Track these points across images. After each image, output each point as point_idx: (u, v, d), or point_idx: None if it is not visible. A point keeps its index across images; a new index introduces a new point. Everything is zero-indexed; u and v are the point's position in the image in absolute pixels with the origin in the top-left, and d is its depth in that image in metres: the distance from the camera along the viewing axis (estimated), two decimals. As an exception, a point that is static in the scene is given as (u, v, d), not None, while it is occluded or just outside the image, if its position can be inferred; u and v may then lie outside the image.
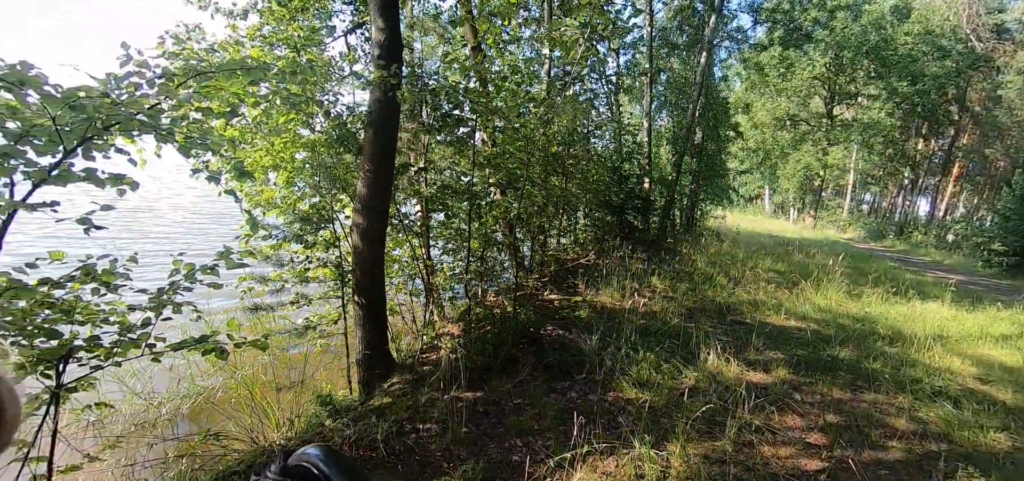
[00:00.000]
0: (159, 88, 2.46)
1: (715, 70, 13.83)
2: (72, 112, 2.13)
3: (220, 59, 3.27)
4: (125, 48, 2.65)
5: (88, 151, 2.21)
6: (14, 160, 2.10)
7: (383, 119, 3.05)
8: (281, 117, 3.50)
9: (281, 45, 4.48)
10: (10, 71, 2.01)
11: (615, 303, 6.09)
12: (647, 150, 10.19)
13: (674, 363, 4.30)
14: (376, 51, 2.96)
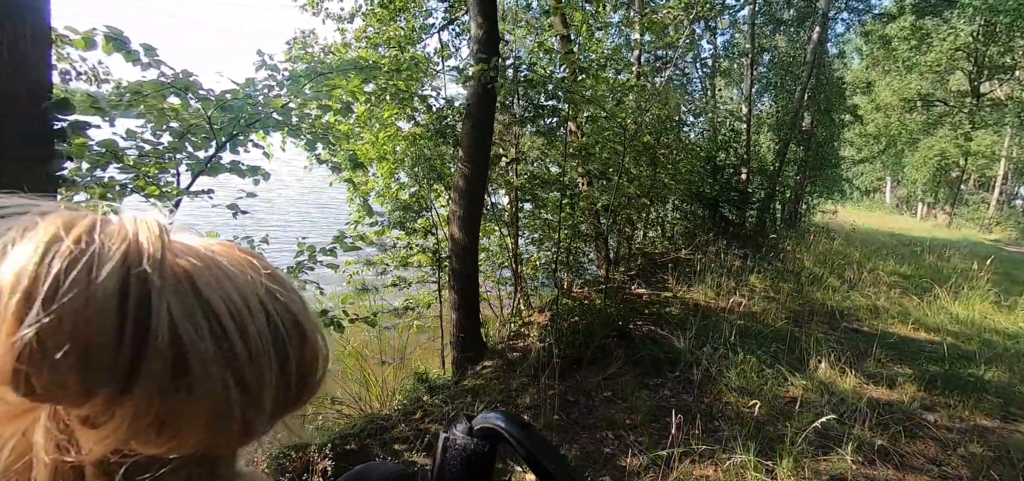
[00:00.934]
0: (288, 89, 2.75)
1: (829, 46, 12.38)
2: (222, 112, 2.45)
3: (331, 60, 3.58)
4: (261, 55, 2.98)
5: (234, 146, 2.54)
6: (179, 154, 2.47)
7: (480, 111, 3.14)
8: (387, 111, 3.76)
9: (383, 45, 4.79)
10: (176, 79, 2.36)
11: (709, 301, 5.75)
12: (745, 138, 9.44)
13: (779, 369, 3.97)
14: (475, 46, 3.06)
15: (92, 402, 0.18)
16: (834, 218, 14.84)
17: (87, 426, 0.19)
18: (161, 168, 2.48)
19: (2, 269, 0.18)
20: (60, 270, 0.18)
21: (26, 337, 0.17)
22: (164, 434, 0.19)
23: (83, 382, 0.18)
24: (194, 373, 0.19)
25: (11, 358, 0.17)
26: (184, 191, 2.36)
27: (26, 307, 0.17)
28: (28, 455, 0.19)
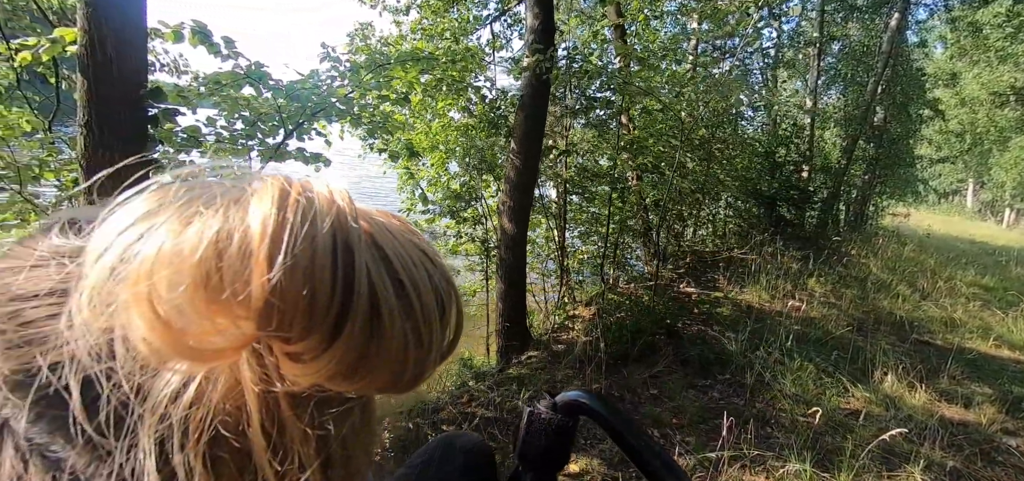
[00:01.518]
0: (349, 79, 2.87)
1: (909, 34, 11.38)
2: (290, 101, 2.59)
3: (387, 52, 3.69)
4: (324, 46, 3.12)
5: (300, 134, 2.68)
6: (251, 141, 2.64)
7: (534, 102, 3.15)
8: (441, 102, 3.84)
9: (437, 37, 4.88)
10: (249, 70, 2.52)
11: (763, 303, 5.51)
12: (809, 133, 8.88)
13: (839, 378, 3.76)
14: (531, 36, 3.06)
15: (307, 342, 0.20)
16: (906, 221, 13.73)
17: (294, 362, 0.21)
18: (234, 154, 2.66)
19: (249, 217, 0.20)
20: (294, 221, 0.20)
21: (276, 278, 0.19)
22: (355, 376, 0.22)
23: (306, 324, 0.20)
24: (384, 324, 0.22)
25: (262, 296, 0.19)
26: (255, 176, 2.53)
27: (274, 251, 0.19)
28: (236, 387, 0.21)
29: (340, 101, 2.55)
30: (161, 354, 0.20)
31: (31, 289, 0.24)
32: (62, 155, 2.63)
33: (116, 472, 0.21)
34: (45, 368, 0.22)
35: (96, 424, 0.22)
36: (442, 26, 4.54)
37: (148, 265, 0.19)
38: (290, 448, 0.22)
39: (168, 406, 0.21)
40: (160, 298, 0.19)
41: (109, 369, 0.22)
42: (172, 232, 0.20)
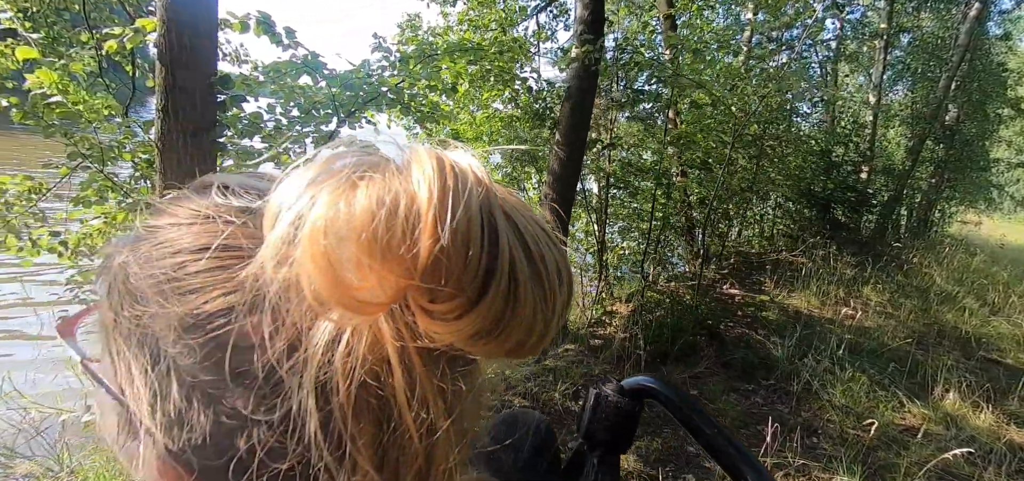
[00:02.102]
0: (398, 69, 2.93)
1: (990, 26, 10.44)
2: (344, 90, 2.68)
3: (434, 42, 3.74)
4: (376, 37, 3.20)
5: (352, 122, 2.77)
6: (307, 127, 2.75)
7: (581, 94, 3.12)
8: (486, 93, 3.87)
9: (482, 28, 4.91)
10: (307, 60, 2.62)
11: (813, 309, 5.27)
12: (870, 132, 8.34)
13: (894, 392, 3.55)
14: (580, 27, 3.03)
15: (452, 302, 0.22)
16: (977, 230, 12.71)
17: (436, 321, 0.22)
18: (290, 139, 2.78)
19: (413, 183, 0.22)
20: (456, 188, 0.22)
21: (442, 240, 0.21)
22: (489, 338, 0.23)
23: (457, 285, 0.22)
24: (520, 291, 0.23)
25: (428, 256, 0.21)
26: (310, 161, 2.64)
27: (440, 215, 0.21)
28: (376, 342, 0.23)
29: (391, 91, 2.62)
30: (327, 304, 0.22)
31: (194, 243, 0.27)
32: (135, 137, 2.83)
33: (279, 411, 0.24)
34: (211, 313, 0.25)
35: (259, 367, 0.24)
36: (488, 18, 4.56)
37: (323, 224, 0.21)
38: (423, 402, 0.24)
39: (324, 354, 0.23)
40: (333, 253, 0.21)
41: (278, 317, 0.24)
42: (343, 195, 0.21)
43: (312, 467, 0.24)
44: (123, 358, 0.28)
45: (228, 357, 0.24)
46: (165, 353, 0.26)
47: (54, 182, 3.01)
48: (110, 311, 0.28)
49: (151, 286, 0.26)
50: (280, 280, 0.23)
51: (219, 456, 0.25)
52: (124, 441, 0.30)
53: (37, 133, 2.69)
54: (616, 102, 3.69)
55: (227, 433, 0.25)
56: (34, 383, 3.21)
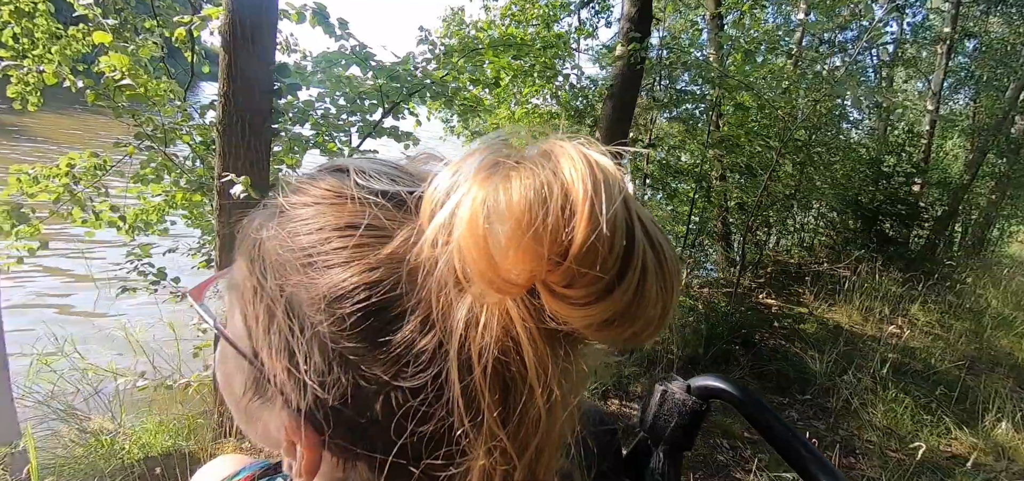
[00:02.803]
0: (442, 62, 2.97)
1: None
2: (390, 81, 2.74)
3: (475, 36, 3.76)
4: (421, 30, 3.24)
5: (397, 113, 2.83)
6: (353, 116, 2.82)
7: (623, 92, 3.08)
8: (526, 88, 3.87)
9: (524, 23, 4.89)
10: (357, 52, 2.68)
11: (854, 326, 5.06)
12: (926, 142, 7.88)
13: (941, 416, 3.38)
14: (626, 24, 2.98)
15: (589, 289, 0.23)
16: (1040, 250, 11.86)
17: (570, 305, 0.24)
18: (336, 128, 2.86)
19: (565, 176, 0.23)
20: (605, 183, 0.23)
21: (600, 231, 0.22)
22: (615, 324, 0.24)
23: (598, 273, 0.23)
24: (648, 282, 0.24)
25: (583, 244, 0.22)
26: (355, 149, 2.71)
27: (594, 207, 0.23)
28: (507, 322, 0.25)
29: (436, 84, 2.65)
30: (478, 283, 0.24)
31: (338, 221, 0.28)
32: (191, 120, 2.97)
33: (419, 379, 0.26)
34: (357, 286, 0.27)
35: (401, 338, 0.26)
36: (532, 13, 4.54)
37: (484, 209, 0.23)
38: (548, 379, 0.26)
39: (465, 329, 0.25)
40: (491, 236, 0.23)
41: (423, 294, 0.26)
42: (501, 185, 0.23)
43: (454, 432, 0.26)
44: (261, 323, 0.30)
45: (373, 327, 0.26)
46: (308, 321, 0.28)
47: (117, 160, 3.20)
48: (250, 280, 0.31)
49: (295, 258, 0.28)
50: (434, 260, 0.25)
51: (355, 418, 0.28)
52: (249, 400, 0.33)
53: (97, 113, 2.85)
54: (659, 102, 3.62)
55: (365, 397, 0.27)
56: (91, 351, 3.44)
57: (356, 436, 0.28)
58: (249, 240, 0.32)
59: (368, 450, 0.29)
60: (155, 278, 2.71)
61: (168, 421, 2.61)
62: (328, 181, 0.31)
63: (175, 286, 2.81)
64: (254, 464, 0.86)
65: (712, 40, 4.42)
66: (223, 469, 0.91)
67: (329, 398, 0.28)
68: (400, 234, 0.28)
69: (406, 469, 0.28)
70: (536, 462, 0.27)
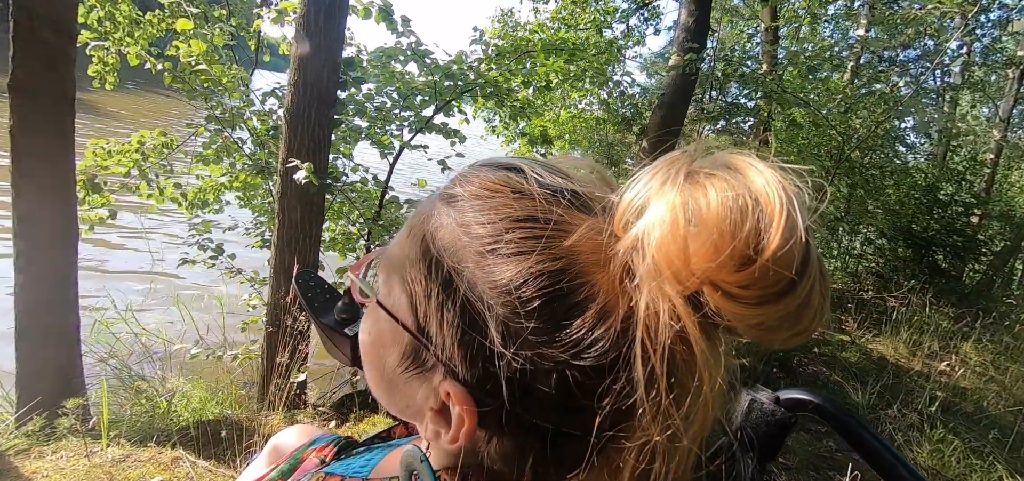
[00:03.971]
0: (495, 62, 3.01)
1: None
2: (444, 80, 2.79)
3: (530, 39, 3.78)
4: (475, 30, 3.29)
5: (448, 110, 2.88)
6: (407, 111, 2.89)
7: (674, 102, 3.05)
8: (573, 93, 3.88)
9: (574, 27, 4.89)
10: (415, 49, 2.75)
11: (900, 359, 4.84)
12: (990, 171, 7.44)
13: (993, 463, 3.20)
14: (682, 34, 2.95)
15: (766, 291, 0.26)
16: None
17: (741, 304, 0.26)
18: (387, 120, 2.94)
19: (759, 190, 0.26)
20: (795, 198, 0.26)
21: (795, 238, 0.25)
22: (781, 326, 0.27)
23: (787, 276, 0.26)
24: (814, 290, 0.27)
25: (777, 251, 0.25)
26: (407, 143, 2.78)
27: (789, 220, 0.25)
28: (684, 314, 0.27)
29: (489, 83, 2.69)
30: (667, 278, 0.27)
31: (518, 213, 0.31)
32: (253, 106, 3.11)
33: (605, 361, 0.29)
34: (541, 273, 0.29)
35: (582, 322, 0.29)
36: (582, 17, 4.54)
37: (682, 213, 0.26)
38: (712, 367, 0.28)
39: (647, 317, 0.27)
40: (690, 237, 0.26)
41: (610, 286, 0.29)
42: (700, 191, 0.26)
43: (636, 410, 0.28)
44: (433, 301, 0.32)
45: (554, 311, 0.29)
46: (486, 303, 0.30)
47: (183, 139, 3.39)
48: (421, 262, 0.33)
49: (473, 245, 0.31)
50: (619, 254, 0.29)
51: (527, 391, 0.30)
52: (402, 371, 0.36)
53: (159, 93, 3.02)
54: (709, 114, 3.56)
55: (541, 374, 0.30)
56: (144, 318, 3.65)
57: (524, 409, 0.31)
58: (420, 225, 0.35)
59: (539, 420, 0.31)
60: (214, 253, 2.85)
61: (216, 389, 2.75)
62: (503, 176, 0.33)
63: (230, 261, 2.95)
64: (326, 436, 0.91)
65: (766, 53, 4.31)
66: (299, 437, 0.96)
67: (500, 373, 0.30)
68: (579, 229, 0.30)
69: (580, 440, 0.30)
70: (696, 439, 0.30)
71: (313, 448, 0.82)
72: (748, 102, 3.50)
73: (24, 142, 1.86)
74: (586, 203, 0.32)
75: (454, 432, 0.32)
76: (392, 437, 0.57)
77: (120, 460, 1.81)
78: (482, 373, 0.31)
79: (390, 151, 2.83)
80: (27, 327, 2.10)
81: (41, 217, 1.96)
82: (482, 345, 0.30)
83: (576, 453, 0.31)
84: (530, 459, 0.32)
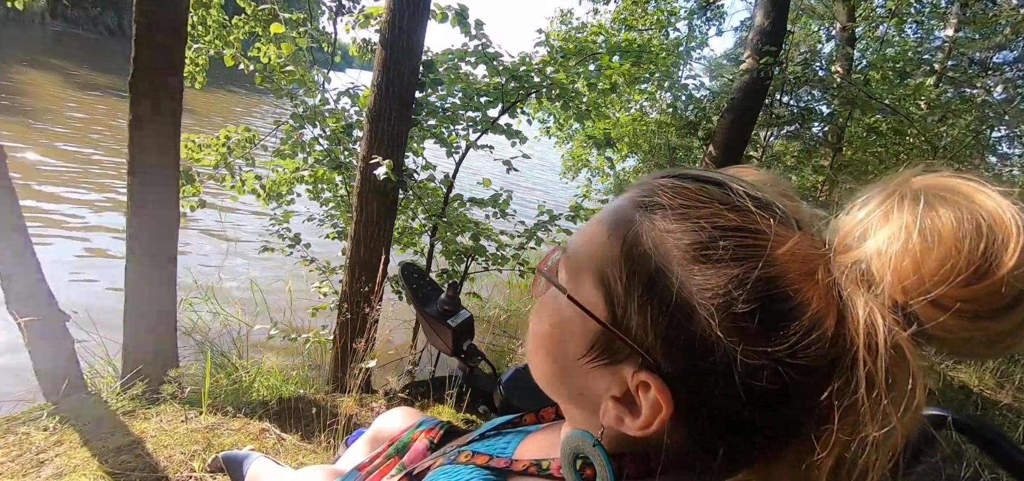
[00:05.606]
0: (560, 65, 3.03)
1: None
2: (510, 81, 2.84)
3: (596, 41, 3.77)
4: (540, 32, 3.32)
5: (513, 112, 2.93)
6: (473, 112, 2.96)
7: (745, 106, 2.96)
8: (636, 96, 3.83)
9: (634, 27, 4.83)
10: (485, 51, 2.81)
11: (985, 388, 4.43)
12: (1098, 188, 6.66)
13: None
14: (756, 37, 2.86)
15: (989, 307, 0.28)
16: None
17: (963, 319, 0.29)
18: (454, 120, 3.02)
19: (992, 214, 0.29)
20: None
21: None
22: (996, 341, 0.30)
23: (1011, 295, 0.28)
24: None
25: (1012, 269, 0.28)
26: (473, 143, 2.85)
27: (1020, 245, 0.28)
28: (893, 326, 0.30)
29: (555, 85, 2.72)
30: (898, 291, 0.30)
31: (726, 224, 0.34)
32: (327, 105, 3.29)
33: (821, 363, 0.31)
34: (757, 279, 0.32)
35: (797, 326, 0.31)
36: (646, 19, 4.48)
37: (915, 232, 0.29)
38: (917, 375, 0.31)
39: (868, 327, 0.30)
40: (923, 255, 0.29)
41: (829, 294, 0.32)
42: (934, 212, 0.29)
43: (859, 406, 0.31)
44: (634, 299, 0.35)
45: (771, 316, 0.31)
46: (695, 302, 0.33)
47: (265, 134, 3.63)
48: (621, 261, 0.36)
49: (683, 251, 0.34)
50: (841, 265, 0.32)
51: (734, 386, 0.32)
52: (587, 361, 0.38)
53: (238, 91, 3.24)
54: (780, 119, 3.42)
55: (752, 371, 0.32)
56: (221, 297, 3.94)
57: (726, 402, 0.33)
58: (618, 228, 0.37)
59: (742, 414, 0.33)
60: (292, 242, 3.04)
61: (288, 370, 2.94)
62: (705, 188, 0.36)
63: (306, 249, 3.14)
64: (430, 419, 0.96)
65: (840, 54, 4.08)
66: (404, 419, 1.02)
67: (704, 367, 0.33)
68: (788, 242, 0.33)
69: (772, 434, 0.33)
70: (905, 437, 0.32)
71: (421, 430, 0.87)
72: (824, 107, 3.33)
73: (140, 134, 2.07)
74: (787, 218, 0.34)
75: (646, 418, 0.35)
76: (523, 423, 0.60)
77: (213, 427, 1.97)
78: (686, 367, 0.33)
79: (456, 150, 2.90)
80: (134, 301, 2.33)
81: (151, 201, 2.17)
82: (690, 341, 0.33)
83: (768, 446, 0.34)
84: (721, 450, 0.35)
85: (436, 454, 0.73)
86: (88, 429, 1.92)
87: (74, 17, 26.27)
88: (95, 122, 9.58)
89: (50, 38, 21.85)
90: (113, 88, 12.96)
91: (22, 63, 13.93)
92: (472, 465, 0.47)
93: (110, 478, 1.56)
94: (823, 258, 0.33)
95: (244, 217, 5.95)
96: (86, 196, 6.14)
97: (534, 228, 3.08)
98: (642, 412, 0.35)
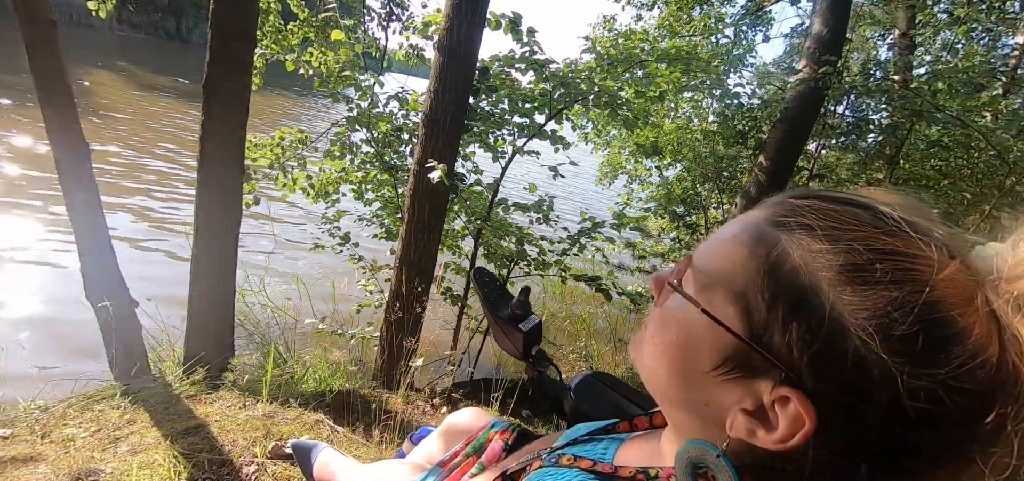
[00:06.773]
0: (607, 72, 3.02)
1: None
2: (558, 88, 2.86)
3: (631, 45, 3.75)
4: (587, 39, 3.33)
5: (559, 118, 2.95)
6: (519, 117, 2.99)
7: (800, 117, 2.87)
8: (681, 103, 3.78)
9: (678, 34, 4.77)
10: (535, 58, 2.84)
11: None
12: None
13: None
14: (813, 45, 2.77)
15: None
16: None
17: None
18: (501, 125, 3.06)
19: None
20: None
21: None
22: None
23: None
24: None
25: None
26: (519, 149, 2.88)
27: None
28: None
29: (604, 92, 2.72)
30: None
31: (882, 247, 0.34)
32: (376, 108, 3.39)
33: (986, 387, 0.32)
34: (923, 303, 0.32)
35: (957, 350, 0.32)
36: (691, 25, 4.42)
37: None
38: None
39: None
40: None
41: (988, 316, 0.33)
42: None
43: (1008, 424, 0.31)
44: (778, 314, 0.35)
45: (934, 339, 0.32)
46: (847, 321, 0.33)
47: (316, 137, 3.78)
48: (762, 277, 0.37)
49: (834, 272, 0.34)
50: (1009, 291, 0.32)
51: (892, 407, 0.32)
52: (718, 373, 0.39)
53: (287, 94, 3.36)
54: (835, 129, 3.30)
55: (912, 393, 0.32)
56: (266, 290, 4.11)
57: (881, 421, 0.33)
58: (757, 246, 0.38)
59: (894, 433, 0.33)
60: (341, 240, 3.15)
61: (335, 365, 3.03)
62: (852, 211, 0.37)
63: (354, 249, 3.24)
64: (502, 421, 0.97)
65: (899, 63, 3.90)
66: (475, 419, 1.04)
67: (847, 382, 0.33)
68: (948, 268, 0.33)
69: (920, 456, 0.33)
70: None
71: (495, 430, 0.89)
72: (883, 118, 3.18)
73: (211, 132, 2.20)
74: (940, 242, 0.35)
75: (784, 432, 0.35)
76: (616, 430, 0.61)
77: (270, 415, 2.06)
78: (837, 384, 0.33)
79: (502, 155, 2.94)
80: (197, 292, 2.47)
81: (217, 198, 2.30)
82: (841, 359, 0.33)
83: (914, 468, 0.34)
84: (863, 468, 0.35)
85: (516, 455, 0.74)
86: (157, 410, 2.04)
87: (138, 22, 28.34)
88: (157, 120, 10.18)
89: (116, 42, 23.40)
90: (173, 89, 13.76)
91: (96, 65, 14.98)
92: (577, 468, 0.47)
93: (181, 458, 1.65)
94: (982, 285, 0.33)
95: (285, 211, 6.21)
96: (151, 189, 6.53)
97: (578, 235, 3.07)
98: (779, 426, 0.35)
